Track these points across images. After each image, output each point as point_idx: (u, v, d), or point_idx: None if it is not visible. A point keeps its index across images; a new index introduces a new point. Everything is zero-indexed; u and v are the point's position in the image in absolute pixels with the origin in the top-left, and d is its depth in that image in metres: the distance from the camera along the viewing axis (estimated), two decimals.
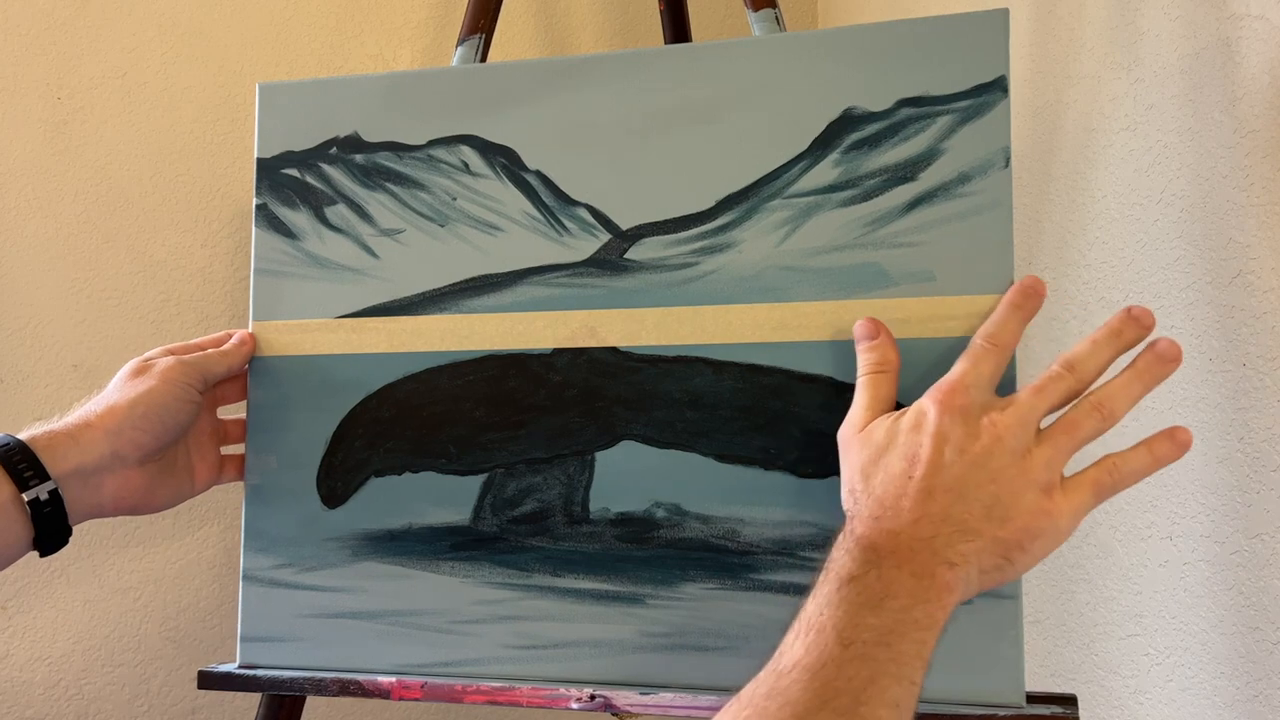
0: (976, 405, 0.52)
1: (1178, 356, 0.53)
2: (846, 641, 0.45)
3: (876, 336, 0.57)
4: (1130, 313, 0.54)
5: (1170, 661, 0.66)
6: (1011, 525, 0.49)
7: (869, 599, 0.47)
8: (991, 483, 0.50)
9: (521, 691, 0.61)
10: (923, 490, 0.50)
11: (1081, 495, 0.51)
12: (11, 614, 0.95)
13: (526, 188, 0.65)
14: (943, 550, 0.48)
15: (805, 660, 0.45)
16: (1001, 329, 0.54)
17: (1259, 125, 0.59)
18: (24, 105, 0.97)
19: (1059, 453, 0.51)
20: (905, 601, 0.47)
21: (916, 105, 0.59)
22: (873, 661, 0.45)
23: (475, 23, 0.79)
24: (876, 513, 0.50)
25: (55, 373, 0.96)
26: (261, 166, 0.69)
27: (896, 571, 0.48)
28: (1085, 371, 0.53)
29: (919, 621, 0.47)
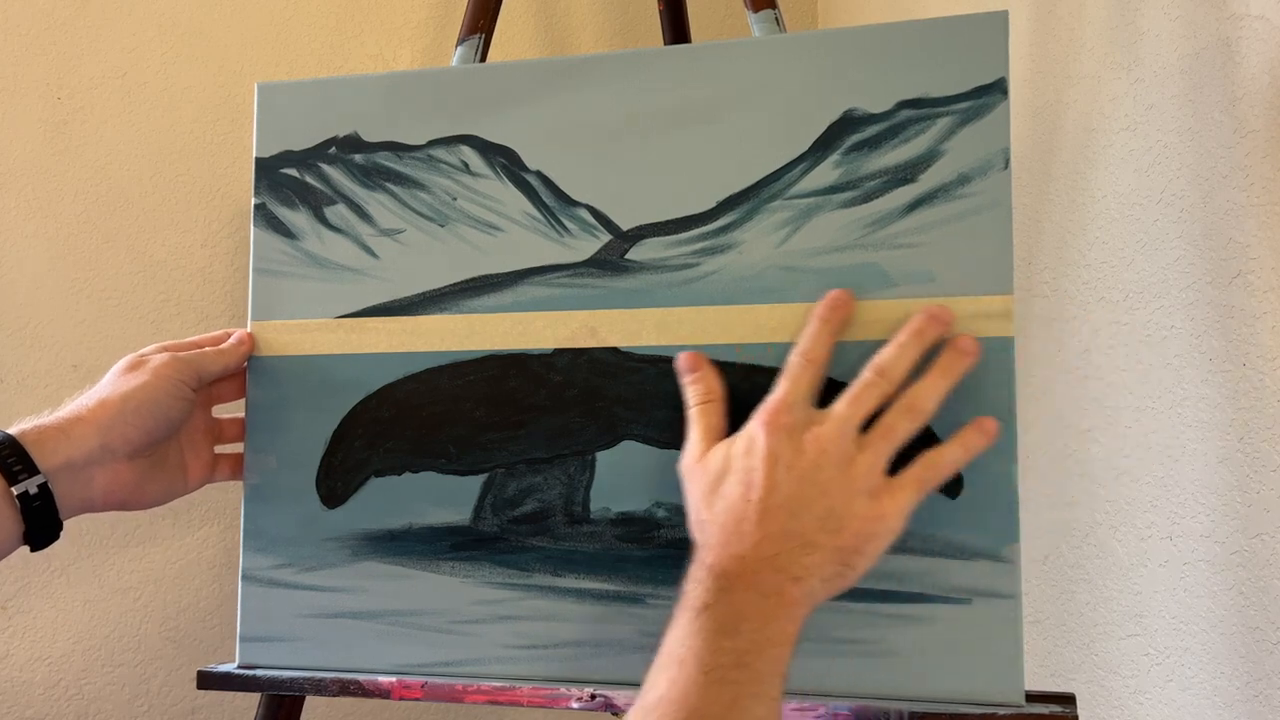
0: (800, 422, 0.54)
1: (975, 350, 0.56)
2: (706, 669, 0.47)
3: (698, 369, 0.59)
4: (929, 313, 0.56)
5: (1170, 661, 0.66)
6: (847, 533, 0.52)
7: (723, 625, 0.49)
8: (823, 495, 0.52)
9: (522, 691, 0.61)
10: (761, 511, 0.52)
11: (906, 494, 0.53)
12: (11, 614, 0.95)
13: (527, 188, 0.65)
14: (787, 567, 0.51)
15: (670, 694, 0.47)
16: (814, 344, 0.57)
17: (1259, 125, 0.59)
18: (24, 105, 0.97)
19: (879, 457, 0.53)
20: (757, 622, 0.49)
21: (916, 107, 0.59)
22: (734, 684, 0.47)
23: (475, 23, 0.79)
24: (722, 539, 0.52)
25: (55, 373, 0.96)
26: (260, 166, 0.69)
27: (746, 594, 0.50)
28: (895, 375, 0.55)
29: (772, 639, 0.49)
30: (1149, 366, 0.67)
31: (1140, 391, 0.68)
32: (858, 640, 0.58)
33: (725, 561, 0.51)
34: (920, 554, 0.57)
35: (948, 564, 0.57)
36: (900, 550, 0.58)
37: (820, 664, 0.58)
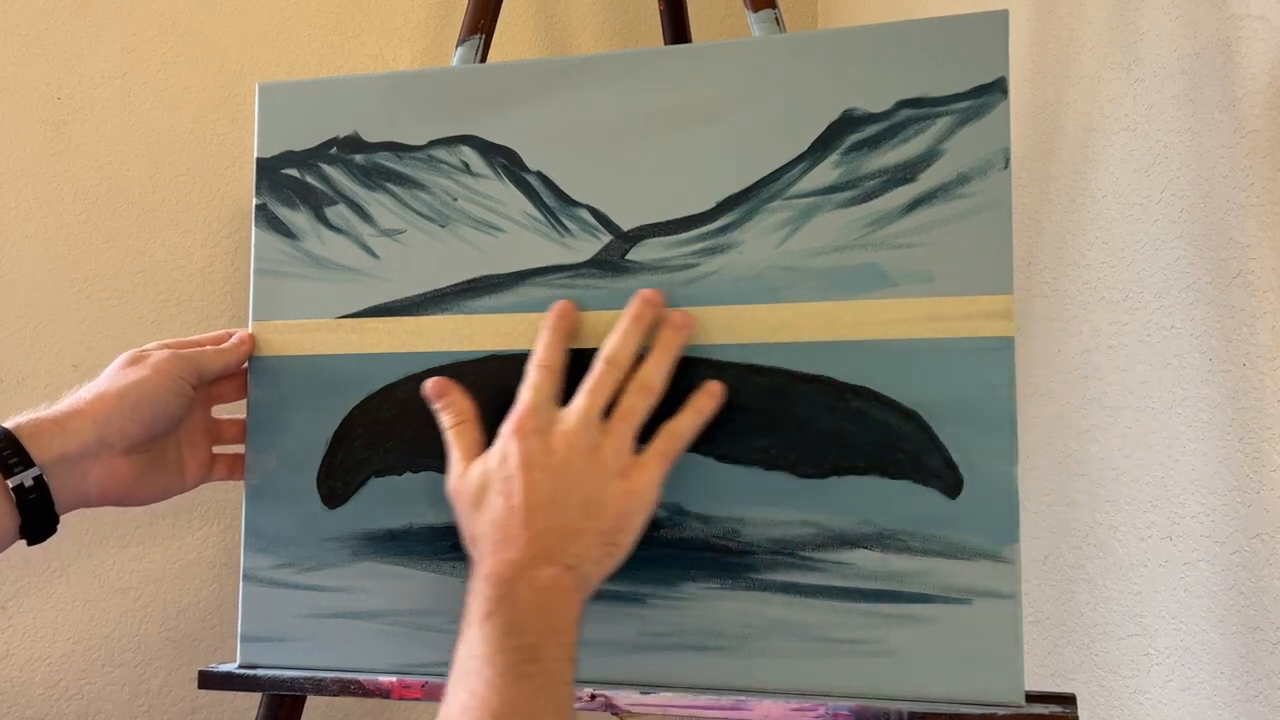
0: (546, 424, 0.57)
1: (689, 323, 0.60)
2: (500, 670, 0.50)
3: (446, 394, 0.61)
4: (643, 297, 0.60)
5: (1170, 661, 0.66)
6: (608, 514, 0.55)
7: (509, 626, 0.51)
8: (580, 485, 0.55)
9: None
10: (525, 514, 0.54)
11: (654, 466, 0.57)
12: (12, 614, 0.95)
13: (527, 188, 0.65)
14: (558, 558, 0.53)
15: (471, 703, 0.49)
16: (548, 352, 0.60)
17: (1259, 125, 0.59)
18: (24, 105, 0.97)
19: (623, 439, 0.57)
20: (540, 616, 0.52)
21: (916, 106, 0.59)
22: (529, 678, 0.50)
23: (475, 23, 0.79)
24: (493, 547, 0.54)
25: (55, 372, 0.96)
26: (261, 166, 0.69)
27: (525, 592, 0.52)
28: (623, 360, 0.59)
29: (557, 628, 0.52)
30: (1149, 366, 0.67)
31: (1140, 391, 0.68)
32: (858, 640, 0.58)
33: (500, 567, 0.53)
34: (920, 554, 0.57)
35: (948, 564, 0.57)
36: (900, 550, 0.58)
37: (820, 664, 0.58)
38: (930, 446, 0.58)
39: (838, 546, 0.59)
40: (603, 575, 0.56)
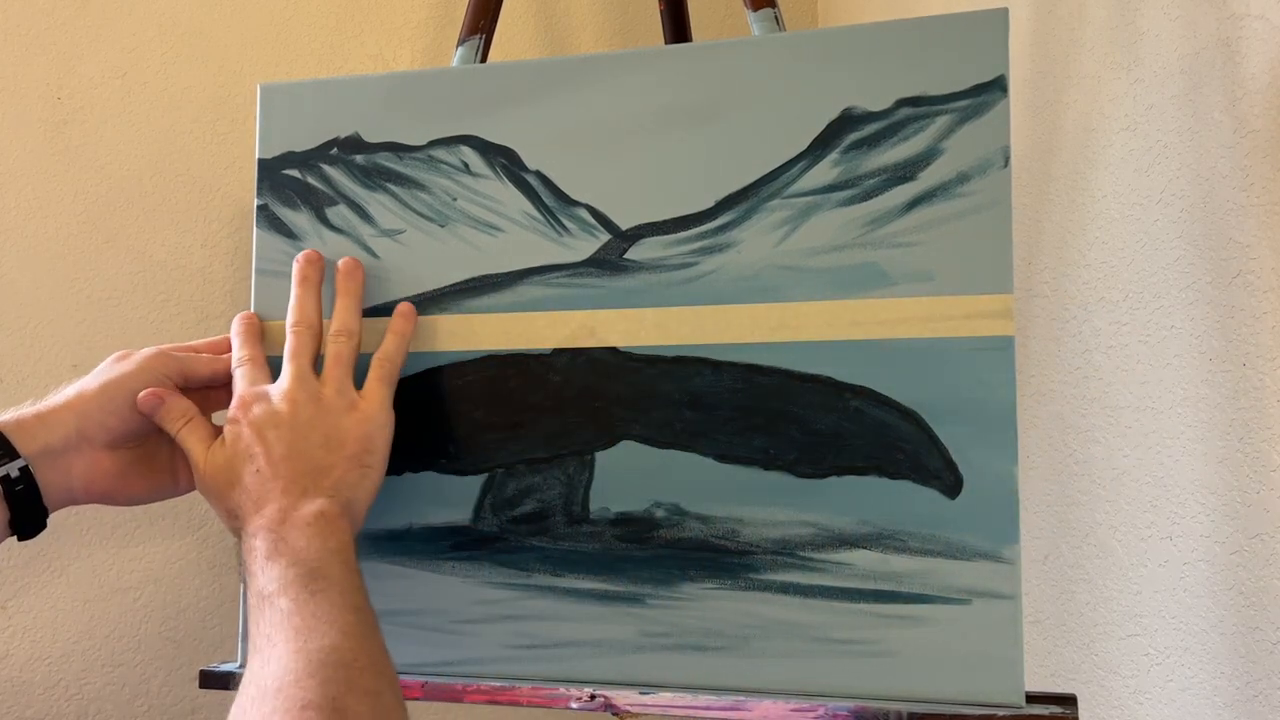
0: (264, 394, 0.60)
1: (356, 265, 0.65)
2: (293, 596, 0.51)
3: (158, 404, 0.62)
4: (303, 257, 0.66)
5: (1170, 661, 0.66)
6: (349, 443, 0.59)
7: (289, 561, 0.53)
8: (313, 429, 0.59)
9: (522, 691, 0.61)
10: (271, 470, 0.57)
11: (377, 391, 0.61)
12: (11, 614, 0.95)
13: (526, 188, 0.65)
14: (315, 495, 0.56)
15: (273, 631, 0.50)
16: (248, 348, 0.64)
17: (1259, 125, 0.59)
18: (24, 105, 0.97)
19: (340, 380, 0.61)
20: (316, 546, 0.54)
21: (916, 105, 0.59)
22: (321, 594, 0.51)
23: (475, 23, 0.79)
24: (255, 507, 0.56)
25: (55, 373, 0.96)
26: (262, 167, 0.69)
27: (295, 530, 0.54)
28: (309, 316, 0.64)
29: (334, 549, 0.54)
30: (1149, 366, 0.67)
31: (1140, 391, 0.68)
32: (857, 641, 0.58)
33: (266, 520, 0.55)
34: (920, 554, 0.57)
35: (947, 564, 0.57)
36: (900, 550, 0.58)
37: (820, 664, 0.58)
38: (930, 446, 0.57)
39: (837, 546, 0.59)
40: (367, 498, 0.59)
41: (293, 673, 0.47)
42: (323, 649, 0.48)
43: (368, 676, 0.48)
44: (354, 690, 0.47)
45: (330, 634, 0.49)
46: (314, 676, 0.47)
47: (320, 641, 0.49)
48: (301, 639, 0.49)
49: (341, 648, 0.49)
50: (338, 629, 0.50)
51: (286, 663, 0.47)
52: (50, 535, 0.95)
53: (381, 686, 0.49)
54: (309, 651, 0.48)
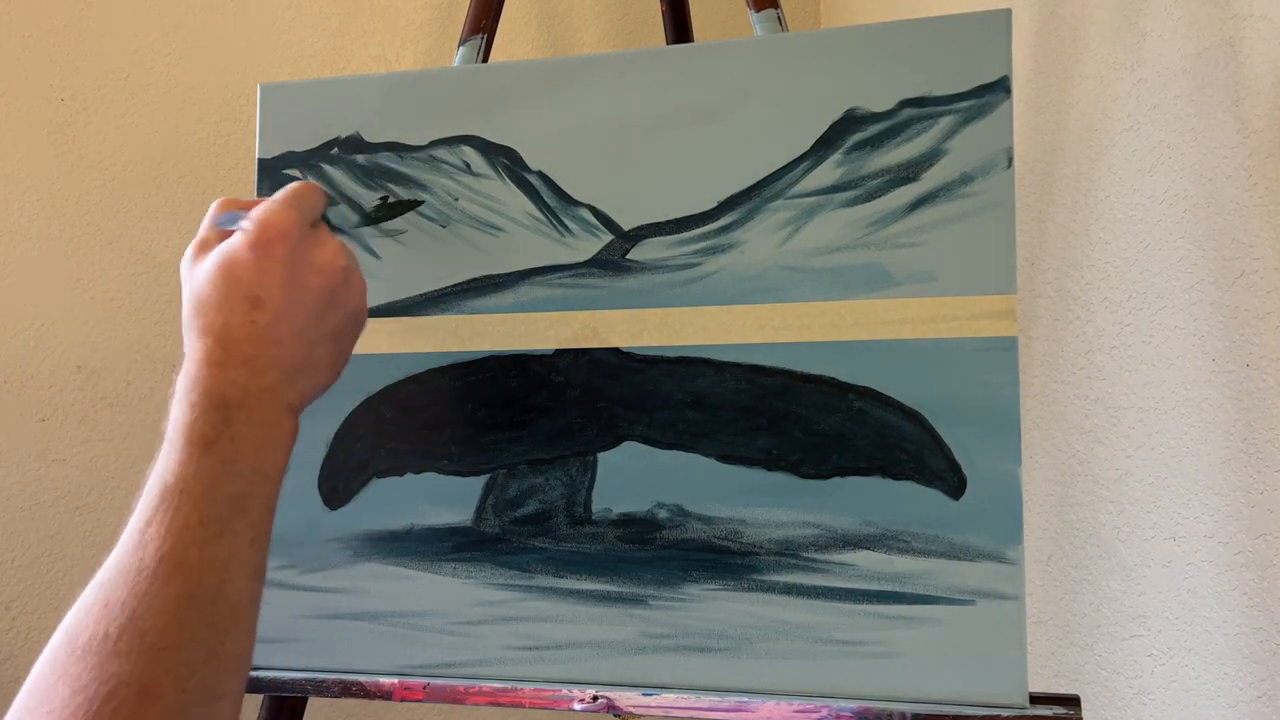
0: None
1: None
2: (207, 520, 0.45)
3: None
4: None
5: (1174, 662, 0.66)
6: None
7: (224, 464, 0.46)
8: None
9: (524, 692, 0.61)
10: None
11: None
12: (15, 615, 0.95)
13: (528, 188, 0.65)
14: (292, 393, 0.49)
15: (166, 549, 0.44)
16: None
17: (1262, 125, 0.59)
18: (28, 107, 0.97)
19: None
20: (254, 459, 0.47)
21: (919, 105, 0.59)
22: (232, 536, 0.45)
23: (477, 23, 0.79)
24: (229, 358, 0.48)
25: (59, 373, 0.96)
26: (263, 167, 0.69)
27: (248, 426, 0.47)
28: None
29: (270, 476, 0.48)
30: (1152, 367, 0.67)
31: (1143, 392, 0.68)
32: (861, 641, 0.58)
33: (232, 388, 0.47)
34: (923, 555, 0.57)
35: (951, 565, 0.57)
36: (903, 551, 0.58)
37: (823, 665, 0.58)
38: (933, 447, 0.57)
39: (840, 547, 0.58)
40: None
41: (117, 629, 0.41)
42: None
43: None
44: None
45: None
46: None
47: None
48: (181, 587, 0.43)
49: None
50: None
51: (159, 592, 0.42)
52: (54, 536, 0.95)
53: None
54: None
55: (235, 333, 0.48)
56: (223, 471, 0.46)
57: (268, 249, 0.49)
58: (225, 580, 0.44)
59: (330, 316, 0.51)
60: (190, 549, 0.44)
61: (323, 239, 0.52)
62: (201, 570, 0.44)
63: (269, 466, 0.48)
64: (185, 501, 0.45)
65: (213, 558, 0.44)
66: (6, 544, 0.94)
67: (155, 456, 0.47)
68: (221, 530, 0.45)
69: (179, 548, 0.44)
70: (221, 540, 0.45)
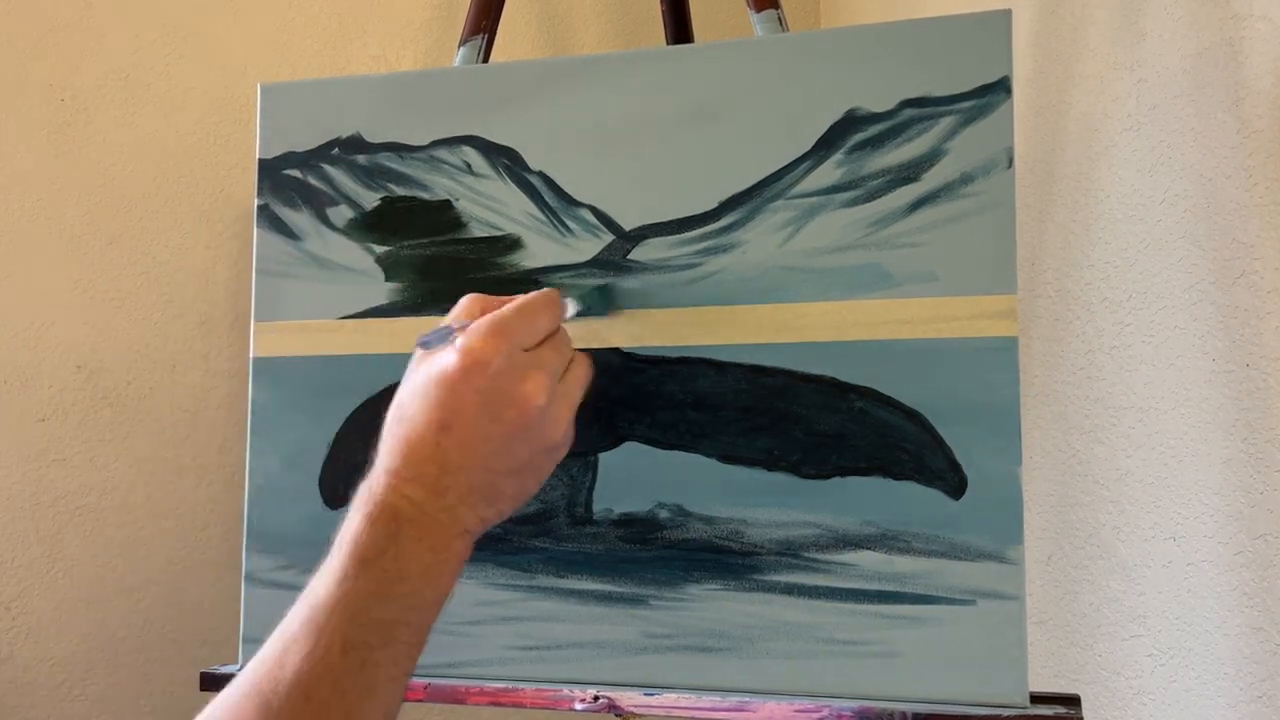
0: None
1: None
2: (351, 646, 0.43)
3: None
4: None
5: (1174, 662, 0.66)
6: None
7: (384, 584, 0.45)
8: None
9: (525, 692, 0.61)
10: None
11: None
12: (15, 614, 0.95)
13: (529, 188, 0.65)
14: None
15: (302, 673, 0.43)
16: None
17: (1262, 125, 0.59)
18: (27, 107, 0.97)
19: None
20: (418, 583, 0.45)
21: (919, 106, 0.59)
22: (373, 669, 0.44)
23: (477, 23, 0.79)
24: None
25: (59, 374, 0.96)
26: (263, 167, 0.69)
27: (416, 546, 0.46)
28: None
29: (428, 606, 0.46)
30: (1153, 367, 0.67)
31: (1144, 392, 0.68)
32: (861, 641, 0.58)
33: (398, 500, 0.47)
34: (924, 555, 0.57)
35: (951, 565, 0.57)
36: (904, 551, 0.58)
37: (824, 665, 0.58)
38: (934, 447, 0.57)
39: (841, 547, 0.59)
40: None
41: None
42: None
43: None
44: None
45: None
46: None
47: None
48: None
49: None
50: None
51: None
52: (54, 536, 0.95)
53: None
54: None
55: (422, 450, 0.48)
56: (379, 592, 0.44)
57: (467, 376, 0.49)
58: (353, 718, 0.43)
59: (520, 450, 0.49)
60: (324, 680, 0.43)
61: (527, 373, 0.50)
62: (329, 704, 0.43)
63: (429, 593, 0.46)
64: (332, 624, 0.44)
65: (347, 691, 0.43)
66: (6, 544, 0.94)
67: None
68: (363, 661, 0.43)
69: (312, 675, 0.43)
70: (362, 672, 0.43)
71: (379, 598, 0.45)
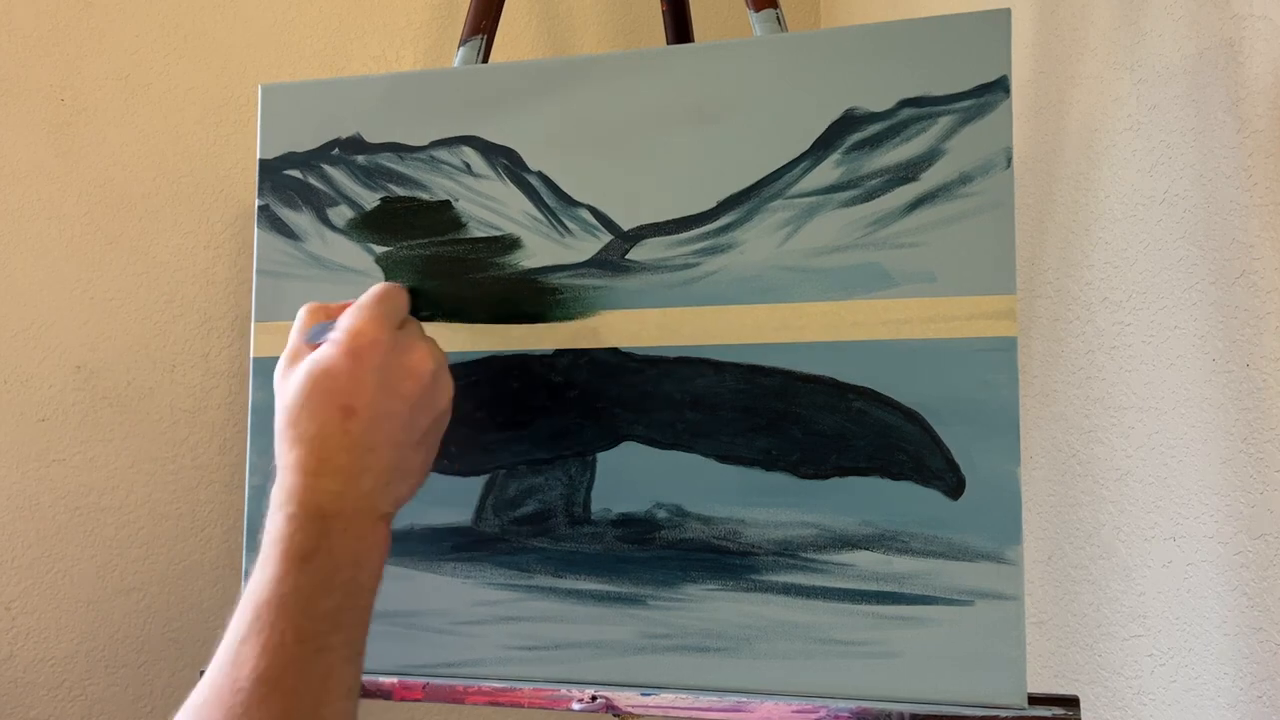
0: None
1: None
2: (304, 637, 0.44)
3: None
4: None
5: (1174, 662, 0.66)
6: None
7: (322, 578, 0.45)
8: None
9: (523, 692, 0.61)
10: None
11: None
12: (15, 615, 0.95)
13: (528, 188, 0.65)
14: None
15: (262, 668, 0.43)
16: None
17: (1262, 125, 0.58)
18: (27, 107, 0.97)
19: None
20: (351, 571, 0.46)
21: (918, 105, 0.59)
22: (329, 653, 0.44)
23: (477, 23, 0.79)
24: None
25: (59, 374, 0.96)
26: (263, 167, 0.69)
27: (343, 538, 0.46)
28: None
29: (365, 589, 0.47)
30: (1152, 367, 0.67)
31: (1143, 392, 0.68)
32: (859, 642, 0.58)
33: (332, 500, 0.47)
34: (922, 555, 0.57)
35: (950, 565, 0.57)
36: (902, 551, 0.58)
37: (822, 665, 0.58)
38: (932, 447, 0.57)
39: (839, 548, 0.58)
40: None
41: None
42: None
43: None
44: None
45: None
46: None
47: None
48: (278, 711, 0.42)
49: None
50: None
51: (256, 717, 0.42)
52: (54, 536, 0.95)
53: None
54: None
55: (330, 442, 0.48)
56: (320, 586, 0.45)
57: (359, 357, 0.49)
58: (322, 701, 0.43)
59: (421, 420, 0.50)
60: (287, 669, 0.43)
61: (411, 342, 0.51)
62: (299, 691, 0.43)
63: (365, 578, 0.47)
64: (281, 618, 0.44)
65: (309, 677, 0.43)
66: (6, 544, 0.94)
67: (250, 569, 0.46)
68: (319, 648, 0.44)
69: (275, 667, 0.43)
70: (319, 658, 0.44)
71: (321, 590, 0.45)
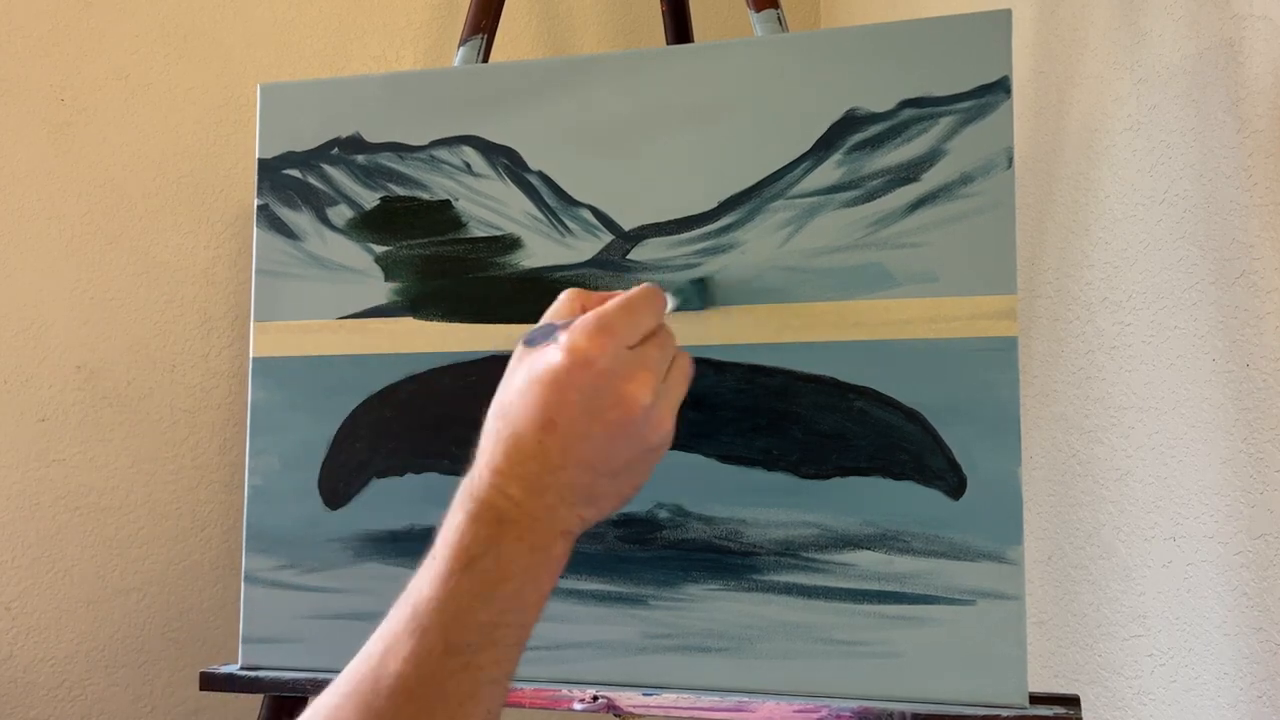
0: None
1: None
2: (454, 649, 0.43)
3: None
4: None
5: (1174, 662, 0.66)
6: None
7: (486, 585, 0.44)
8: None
9: (524, 692, 0.61)
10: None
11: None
12: (15, 615, 0.95)
13: (529, 188, 0.64)
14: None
15: (405, 673, 0.42)
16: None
17: (1262, 125, 0.59)
18: (27, 107, 0.97)
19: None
20: (519, 583, 0.45)
21: (919, 106, 0.59)
22: (475, 671, 0.43)
23: (477, 23, 0.79)
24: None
25: (59, 374, 0.96)
26: (263, 167, 0.69)
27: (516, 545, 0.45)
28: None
29: (529, 607, 0.45)
30: (1152, 367, 0.67)
31: (1144, 392, 0.68)
32: (861, 641, 0.58)
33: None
34: (923, 555, 0.57)
35: (951, 565, 0.57)
36: (903, 551, 0.58)
37: (823, 665, 0.58)
38: (933, 447, 0.57)
39: (840, 547, 0.59)
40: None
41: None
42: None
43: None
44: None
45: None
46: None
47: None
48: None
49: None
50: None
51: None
52: (54, 536, 0.95)
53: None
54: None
55: (524, 449, 0.46)
56: (482, 592, 0.44)
57: (571, 374, 0.47)
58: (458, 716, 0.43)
59: (621, 449, 0.48)
60: (428, 682, 0.42)
61: (633, 371, 0.48)
62: (433, 707, 0.42)
63: (530, 594, 0.45)
64: (435, 624, 0.43)
65: (449, 694, 0.43)
66: (6, 544, 0.94)
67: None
68: (466, 664, 0.43)
69: (415, 678, 0.42)
70: (465, 675, 0.43)
71: (481, 598, 0.44)
